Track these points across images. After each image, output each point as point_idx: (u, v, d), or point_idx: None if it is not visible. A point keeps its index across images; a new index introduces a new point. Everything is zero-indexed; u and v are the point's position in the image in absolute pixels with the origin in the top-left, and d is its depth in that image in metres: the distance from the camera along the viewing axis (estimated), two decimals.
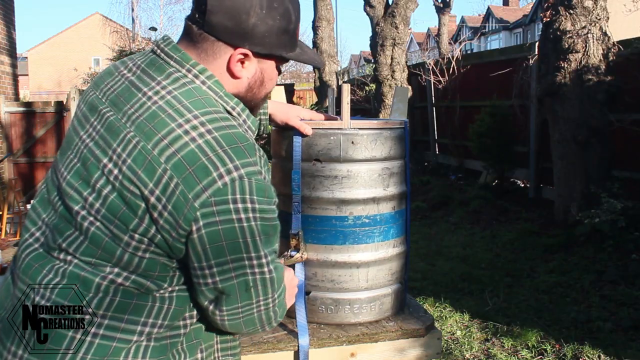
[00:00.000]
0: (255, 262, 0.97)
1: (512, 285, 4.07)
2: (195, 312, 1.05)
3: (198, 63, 1.01)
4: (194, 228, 0.91)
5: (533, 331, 3.24)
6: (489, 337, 3.26)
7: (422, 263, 4.67)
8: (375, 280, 1.68)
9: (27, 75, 31.94)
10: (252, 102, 1.10)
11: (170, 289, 0.99)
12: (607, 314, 3.48)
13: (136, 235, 0.93)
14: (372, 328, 1.65)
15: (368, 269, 1.66)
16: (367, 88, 10.79)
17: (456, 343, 3.20)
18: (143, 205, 0.91)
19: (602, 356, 2.94)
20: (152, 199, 0.91)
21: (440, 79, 8.56)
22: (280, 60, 1.09)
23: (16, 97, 9.29)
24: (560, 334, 3.23)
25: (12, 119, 8.45)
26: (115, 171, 0.93)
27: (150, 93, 0.98)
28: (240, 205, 0.92)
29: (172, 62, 1.01)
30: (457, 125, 8.21)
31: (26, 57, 32.66)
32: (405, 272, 1.79)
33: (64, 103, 8.73)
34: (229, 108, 1.03)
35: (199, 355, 1.08)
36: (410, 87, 8.93)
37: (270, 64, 1.08)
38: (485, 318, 3.50)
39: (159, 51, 1.03)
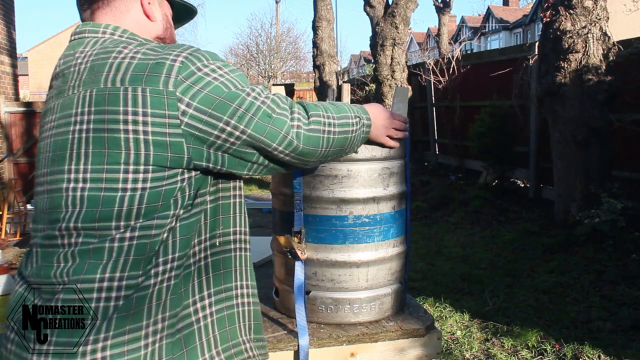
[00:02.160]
0: (253, 94, 1.00)
1: (512, 285, 4.07)
2: (209, 235, 1.06)
3: (109, 24, 1.08)
4: (184, 107, 0.94)
5: (533, 331, 3.24)
6: (489, 337, 3.26)
7: (422, 263, 4.67)
8: (375, 280, 1.68)
9: (27, 75, 31.95)
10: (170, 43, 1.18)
11: (179, 212, 0.99)
12: (607, 314, 3.47)
13: (130, 167, 0.94)
14: (372, 328, 1.65)
15: (368, 268, 1.66)
16: (367, 88, 10.79)
17: (456, 343, 3.20)
18: (122, 134, 0.93)
19: (602, 356, 2.94)
20: (130, 117, 0.93)
21: (440, 78, 8.57)
22: (170, 3, 1.22)
23: (16, 97, 9.29)
24: (560, 334, 3.23)
25: (12, 118, 8.45)
26: (85, 126, 0.95)
27: (79, 60, 1.02)
28: (206, 69, 0.97)
29: (86, 34, 1.08)
30: (457, 125, 8.21)
31: (26, 57, 32.67)
32: (405, 272, 1.79)
33: None
34: None
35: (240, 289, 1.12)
36: (410, 87, 8.92)
37: (166, 7, 1.20)
38: (485, 318, 3.51)
39: (72, 36, 1.10)
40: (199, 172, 1.01)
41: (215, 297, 1.07)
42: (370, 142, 1.36)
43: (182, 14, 1.29)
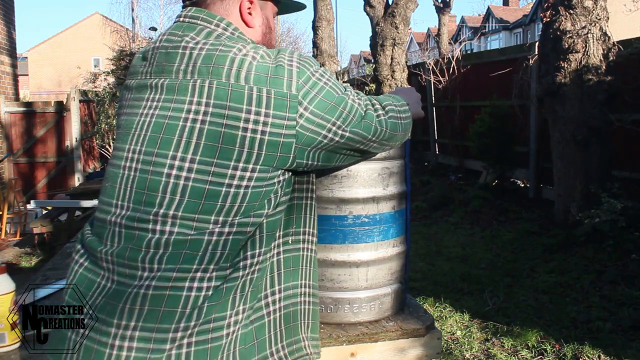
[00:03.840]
0: (352, 98, 1.09)
1: (512, 285, 4.07)
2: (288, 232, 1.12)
3: (224, 18, 1.09)
4: (302, 109, 0.99)
5: (533, 331, 3.24)
6: (489, 337, 3.26)
7: (422, 263, 4.67)
8: (375, 280, 1.68)
9: (27, 75, 31.93)
10: None
11: (269, 211, 1.03)
12: (607, 314, 3.47)
13: (240, 165, 0.97)
14: (372, 328, 1.65)
15: (368, 268, 1.66)
16: (367, 88, 10.78)
17: (456, 343, 3.20)
18: (240, 132, 0.96)
19: (602, 356, 2.94)
20: (252, 116, 0.96)
21: (440, 78, 8.57)
22: (275, 4, 1.22)
23: (16, 97, 9.29)
24: (560, 334, 3.23)
25: (12, 118, 8.45)
26: (201, 116, 0.96)
27: (191, 45, 1.02)
28: (318, 75, 1.04)
29: (199, 22, 1.07)
30: (457, 125, 8.21)
31: (26, 57, 32.66)
32: (405, 272, 1.79)
33: (64, 103, 8.73)
34: None
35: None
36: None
37: (270, 9, 1.20)
38: (485, 318, 3.50)
39: (182, 17, 1.10)
40: (291, 172, 1.06)
41: (284, 293, 1.11)
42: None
43: (289, 7, 1.31)
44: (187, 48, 1.02)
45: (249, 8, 1.14)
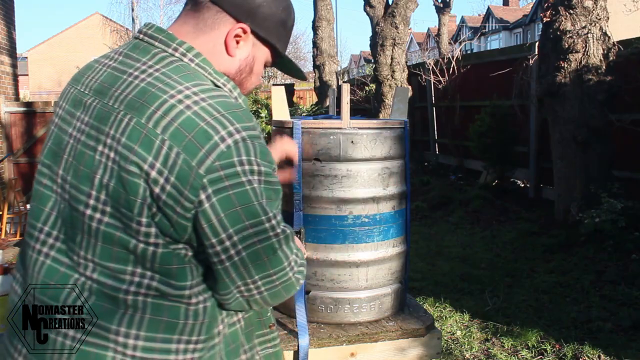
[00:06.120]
0: (273, 221, 0.94)
1: (512, 285, 4.07)
2: (224, 316, 1.01)
3: (184, 42, 0.99)
4: (203, 197, 0.87)
5: (533, 331, 3.24)
6: (489, 337, 3.26)
7: (422, 263, 4.67)
8: (375, 280, 1.68)
9: (27, 75, 31.95)
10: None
11: (195, 289, 0.95)
12: (607, 314, 3.47)
13: (143, 220, 0.88)
14: (372, 328, 1.65)
15: (368, 268, 1.66)
16: (367, 88, 10.79)
17: (456, 343, 3.19)
18: (143, 183, 0.87)
19: (602, 356, 2.94)
20: (153, 173, 0.86)
21: (440, 79, 8.56)
22: (272, 52, 1.10)
23: (16, 97, 9.29)
24: (560, 334, 3.23)
25: (12, 118, 8.45)
26: (112, 154, 0.89)
27: (136, 73, 0.94)
28: (247, 167, 0.89)
29: (156, 43, 0.99)
30: (457, 125, 8.21)
31: (26, 57, 32.67)
32: (405, 272, 1.79)
33: None
34: (219, 84, 1.01)
35: (243, 357, 1.06)
36: (410, 87, 8.92)
37: (263, 53, 1.08)
38: (485, 318, 3.50)
39: (141, 35, 1.01)
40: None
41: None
42: None
43: (290, 68, 1.20)
44: (132, 75, 0.94)
45: (239, 36, 1.03)
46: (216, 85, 0.99)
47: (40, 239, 0.97)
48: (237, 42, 1.03)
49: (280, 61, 1.14)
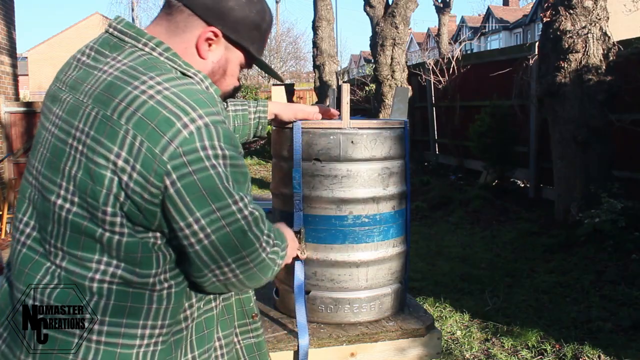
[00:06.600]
0: (240, 204, 0.95)
1: (512, 285, 4.07)
2: (195, 301, 1.03)
3: (154, 37, 1.00)
4: (168, 182, 0.89)
5: (533, 331, 3.24)
6: (489, 337, 3.26)
7: (422, 263, 4.67)
8: (375, 280, 1.68)
9: (27, 75, 31.95)
10: None
11: (161, 277, 0.97)
12: (607, 314, 3.47)
13: (108, 209, 0.91)
14: (372, 328, 1.65)
15: (368, 268, 1.66)
16: (367, 88, 10.79)
17: (456, 343, 3.19)
18: (110, 174, 0.89)
19: (602, 356, 2.94)
20: (120, 162, 0.89)
21: (440, 79, 8.57)
22: (246, 55, 1.10)
23: (16, 97, 9.29)
24: (560, 334, 3.23)
25: (12, 118, 8.45)
26: (81, 147, 0.92)
27: (105, 67, 0.97)
28: (210, 152, 0.90)
29: (126, 39, 1.00)
30: (457, 125, 8.21)
31: (26, 57, 32.68)
32: (405, 272, 1.79)
33: None
34: (189, 74, 1.01)
35: (217, 344, 1.08)
36: (410, 87, 8.92)
37: (236, 56, 1.09)
38: (485, 318, 3.50)
39: (111, 30, 1.02)
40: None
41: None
42: None
43: (266, 70, 1.21)
44: (101, 70, 0.97)
45: (211, 40, 1.04)
46: (186, 75, 1.00)
47: (20, 228, 1.02)
48: (210, 45, 1.05)
49: (258, 63, 1.15)
